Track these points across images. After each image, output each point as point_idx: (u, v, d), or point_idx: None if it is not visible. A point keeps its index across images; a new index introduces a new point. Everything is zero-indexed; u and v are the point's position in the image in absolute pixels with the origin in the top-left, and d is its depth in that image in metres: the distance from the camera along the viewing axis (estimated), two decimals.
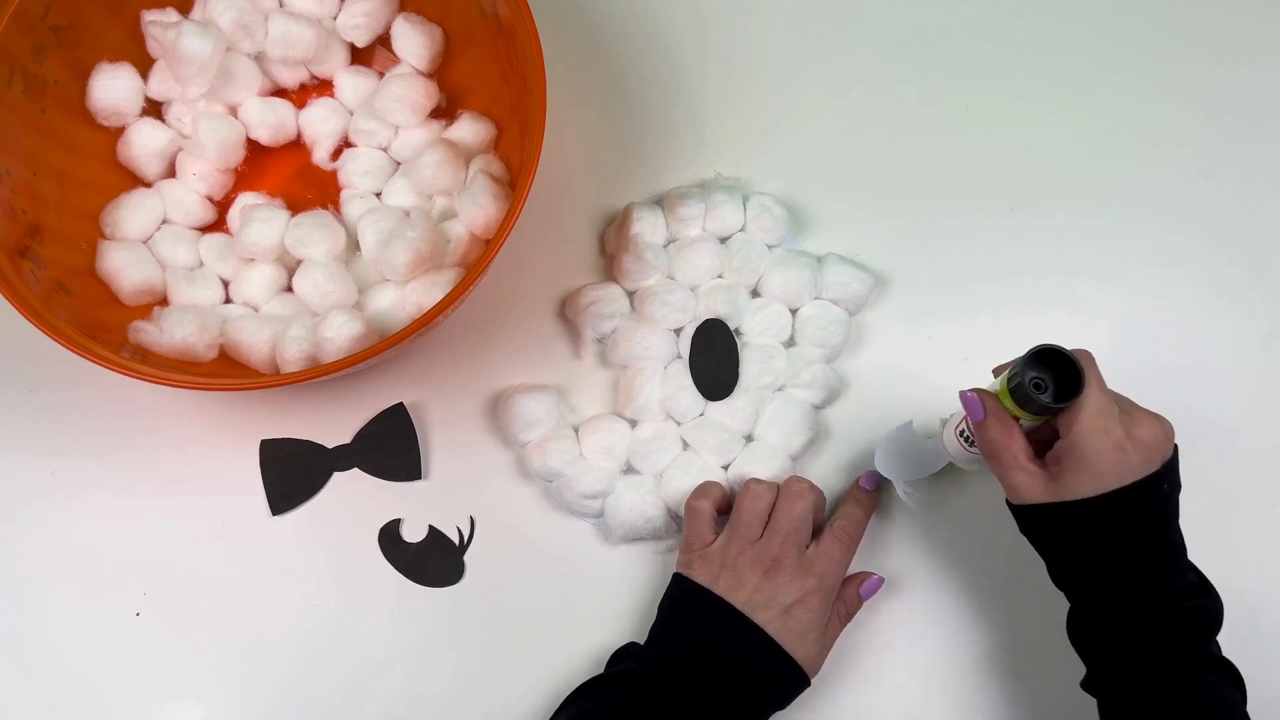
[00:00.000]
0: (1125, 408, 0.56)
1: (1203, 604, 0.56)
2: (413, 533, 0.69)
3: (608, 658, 0.64)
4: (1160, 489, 0.55)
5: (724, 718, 0.59)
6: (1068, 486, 0.54)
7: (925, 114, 0.77)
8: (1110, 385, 0.60)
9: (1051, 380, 0.55)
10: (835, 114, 0.77)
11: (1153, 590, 0.55)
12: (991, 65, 0.78)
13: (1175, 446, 0.57)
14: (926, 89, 0.77)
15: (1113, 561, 0.55)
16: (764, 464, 0.67)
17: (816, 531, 0.64)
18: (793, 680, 0.60)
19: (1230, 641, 0.58)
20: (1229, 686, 0.56)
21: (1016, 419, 0.57)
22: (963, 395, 0.58)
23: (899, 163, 0.76)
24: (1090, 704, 0.58)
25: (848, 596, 0.64)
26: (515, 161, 0.69)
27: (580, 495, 0.67)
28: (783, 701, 0.61)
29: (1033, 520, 0.57)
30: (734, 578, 0.61)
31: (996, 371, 0.61)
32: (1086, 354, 0.56)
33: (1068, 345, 0.56)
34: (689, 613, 0.62)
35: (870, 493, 0.67)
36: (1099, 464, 0.53)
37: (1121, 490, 0.53)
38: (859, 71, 0.77)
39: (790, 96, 0.77)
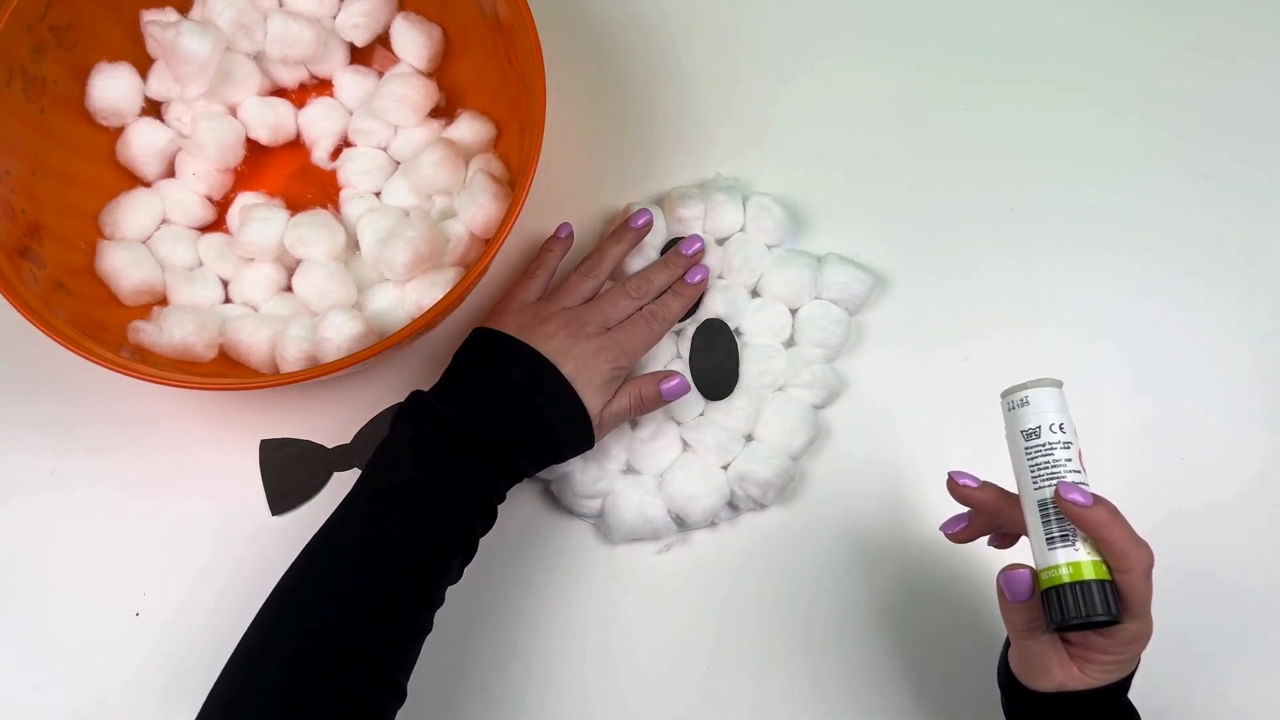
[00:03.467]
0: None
1: None
2: None
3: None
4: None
5: (507, 459, 0.60)
6: (1088, 675, 0.51)
7: (925, 114, 0.77)
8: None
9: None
10: (835, 114, 0.77)
11: None
12: (991, 66, 0.78)
13: None
14: (926, 89, 0.77)
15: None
16: (764, 463, 0.67)
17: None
18: (578, 428, 0.61)
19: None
20: None
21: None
22: (1009, 577, 0.51)
23: (899, 163, 0.76)
24: None
25: (647, 386, 0.64)
26: (515, 161, 0.69)
27: (580, 495, 0.67)
28: (559, 452, 0.62)
29: (1042, 706, 0.52)
30: (542, 331, 0.62)
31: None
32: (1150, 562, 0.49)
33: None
34: (490, 357, 0.62)
35: (694, 285, 0.68)
36: (1133, 660, 0.51)
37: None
38: (859, 72, 0.77)
39: (790, 97, 0.77)
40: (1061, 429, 0.51)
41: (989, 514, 0.54)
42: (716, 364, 0.69)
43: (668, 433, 0.69)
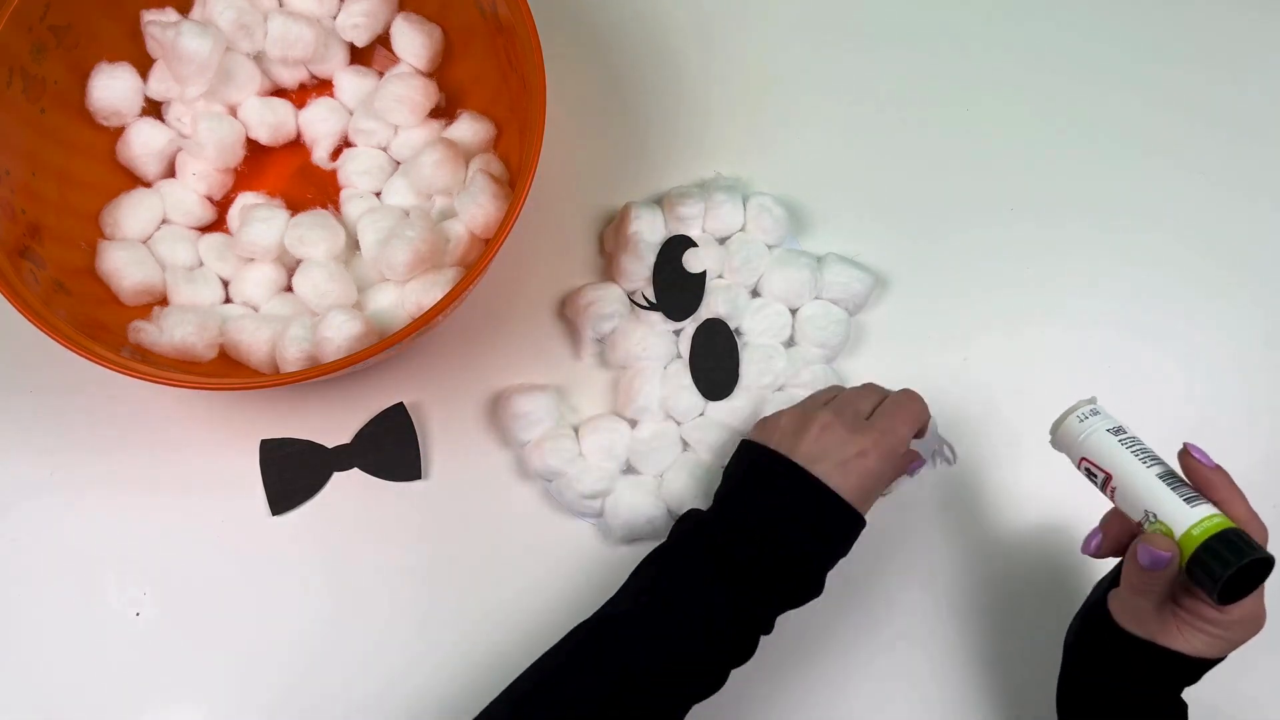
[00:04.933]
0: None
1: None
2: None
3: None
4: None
5: (792, 571, 0.57)
6: (1184, 639, 0.51)
7: (926, 114, 0.77)
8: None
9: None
10: (835, 114, 0.77)
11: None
12: (991, 67, 0.78)
13: None
14: (927, 90, 0.77)
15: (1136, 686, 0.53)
16: None
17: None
18: (850, 533, 0.58)
19: None
20: None
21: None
22: (1145, 550, 0.50)
23: (899, 163, 0.76)
24: None
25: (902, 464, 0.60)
26: (515, 161, 0.69)
27: (580, 495, 0.67)
28: (844, 549, 0.58)
29: (1122, 645, 0.53)
30: (793, 436, 0.59)
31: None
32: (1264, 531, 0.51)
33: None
34: (748, 472, 0.60)
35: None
36: (1231, 644, 0.51)
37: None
38: (859, 72, 0.77)
39: (790, 96, 0.77)
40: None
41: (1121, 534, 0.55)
42: (716, 364, 0.69)
43: (668, 433, 0.69)
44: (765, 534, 0.57)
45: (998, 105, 0.77)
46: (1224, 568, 0.47)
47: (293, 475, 0.69)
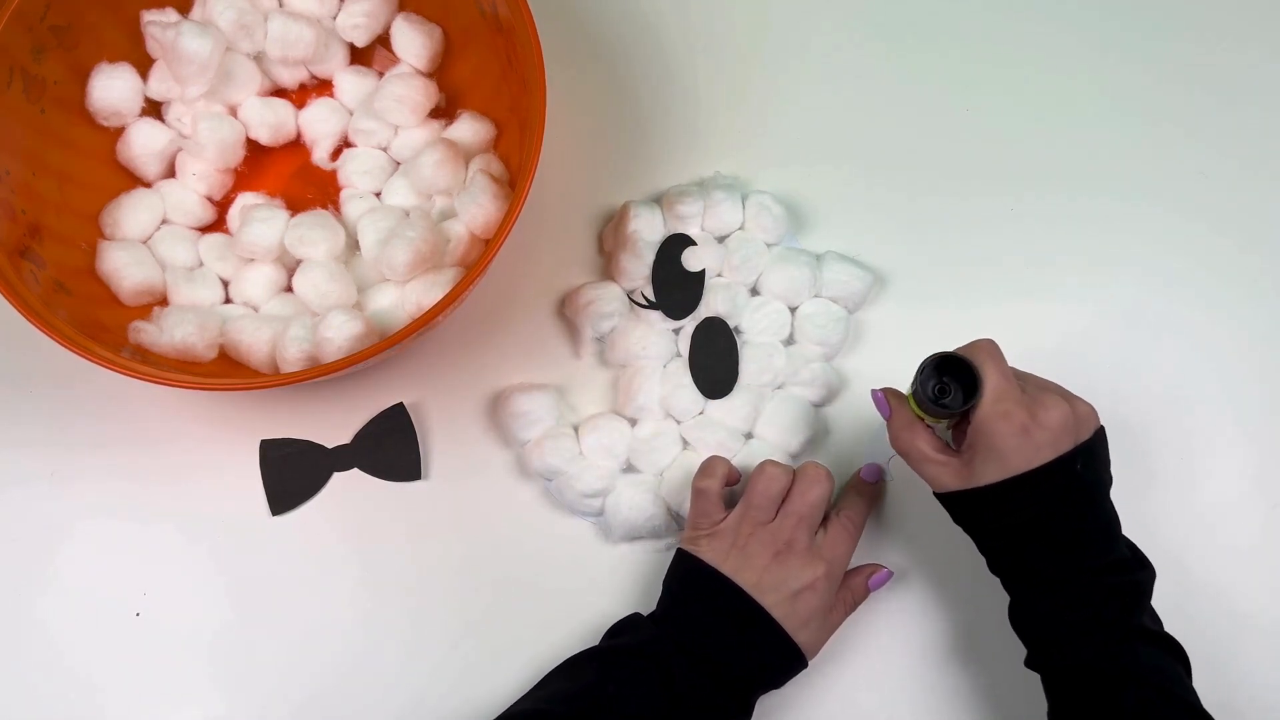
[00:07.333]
0: (1035, 393, 0.57)
1: (1133, 579, 0.57)
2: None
3: (607, 627, 0.64)
4: (1073, 469, 0.55)
5: (722, 697, 0.59)
6: (977, 473, 0.56)
7: (926, 113, 0.77)
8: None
9: (956, 384, 0.57)
10: (834, 112, 0.77)
11: (1079, 569, 0.56)
12: (992, 65, 0.78)
13: (1100, 429, 0.58)
14: (926, 87, 0.77)
15: (1036, 543, 0.56)
16: None
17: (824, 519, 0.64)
18: (793, 664, 0.61)
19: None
20: (1167, 657, 0.57)
21: (924, 419, 0.59)
22: (872, 394, 0.61)
23: (899, 162, 0.76)
24: None
25: (855, 586, 0.64)
26: (515, 161, 0.69)
27: (580, 494, 0.67)
28: (780, 683, 0.62)
29: (953, 507, 0.59)
30: (742, 558, 0.61)
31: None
32: (988, 345, 0.58)
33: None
34: (694, 591, 0.62)
35: (872, 484, 0.67)
36: (1002, 448, 0.55)
37: (1030, 473, 0.55)
38: (858, 69, 0.77)
39: (790, 95, 0.77)
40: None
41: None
42: (716, 362, 0.69)
43: (668, 431, 0.69)
44: (714, 668, 0.59)
45: (998, 104, 0.77)
46: (917, 378, 0.57)
47: (293, 475, 0.69)
